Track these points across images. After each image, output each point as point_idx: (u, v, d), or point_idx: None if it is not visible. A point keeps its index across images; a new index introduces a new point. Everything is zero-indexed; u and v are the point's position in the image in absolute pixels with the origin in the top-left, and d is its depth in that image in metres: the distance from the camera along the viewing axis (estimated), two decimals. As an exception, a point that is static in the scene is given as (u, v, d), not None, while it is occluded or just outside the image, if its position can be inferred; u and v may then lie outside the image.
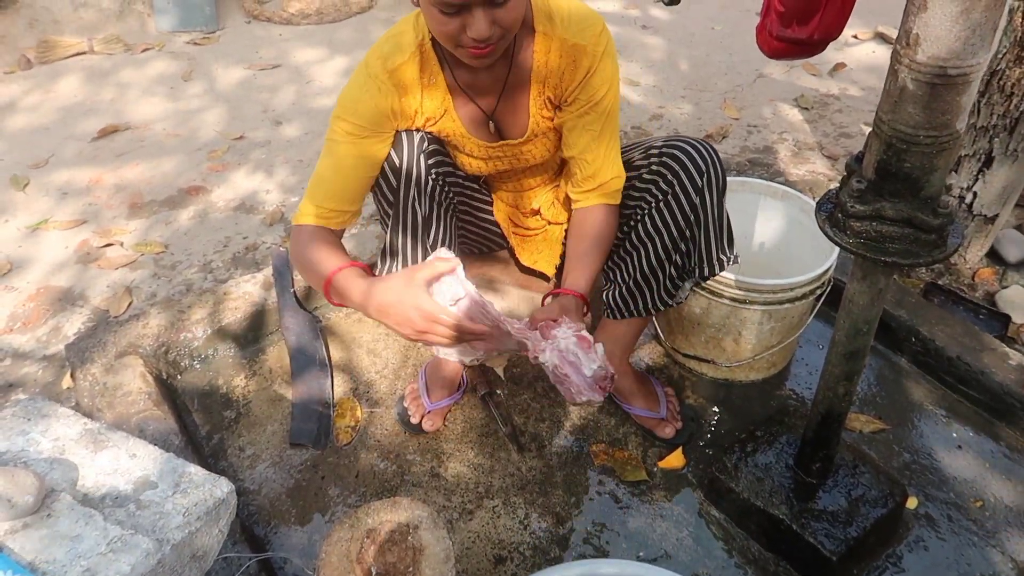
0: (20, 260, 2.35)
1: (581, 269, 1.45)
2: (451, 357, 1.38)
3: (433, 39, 1.35)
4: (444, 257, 1.31)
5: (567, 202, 1.58)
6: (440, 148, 1.50)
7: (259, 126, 3.07)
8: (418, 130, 1.45)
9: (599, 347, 1.28)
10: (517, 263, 1.82)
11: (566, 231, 1.63)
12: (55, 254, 2.37)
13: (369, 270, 1.38)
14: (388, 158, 1.43)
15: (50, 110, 3.20)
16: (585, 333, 1.27)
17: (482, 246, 1.81)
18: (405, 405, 1.77)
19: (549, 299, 1.44)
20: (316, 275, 1.37)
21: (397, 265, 1.52)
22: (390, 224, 1.48)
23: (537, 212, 1.67)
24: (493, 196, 1.69)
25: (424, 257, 1.49)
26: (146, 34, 3.85)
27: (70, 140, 2.98)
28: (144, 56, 3.66)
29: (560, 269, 1.66)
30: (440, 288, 1.30)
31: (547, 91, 1.42)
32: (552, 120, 1.46)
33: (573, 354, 1.24)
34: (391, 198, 1.45)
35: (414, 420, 1.74)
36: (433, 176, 1.46)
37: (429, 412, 1.73)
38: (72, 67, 3.54)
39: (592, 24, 1.37)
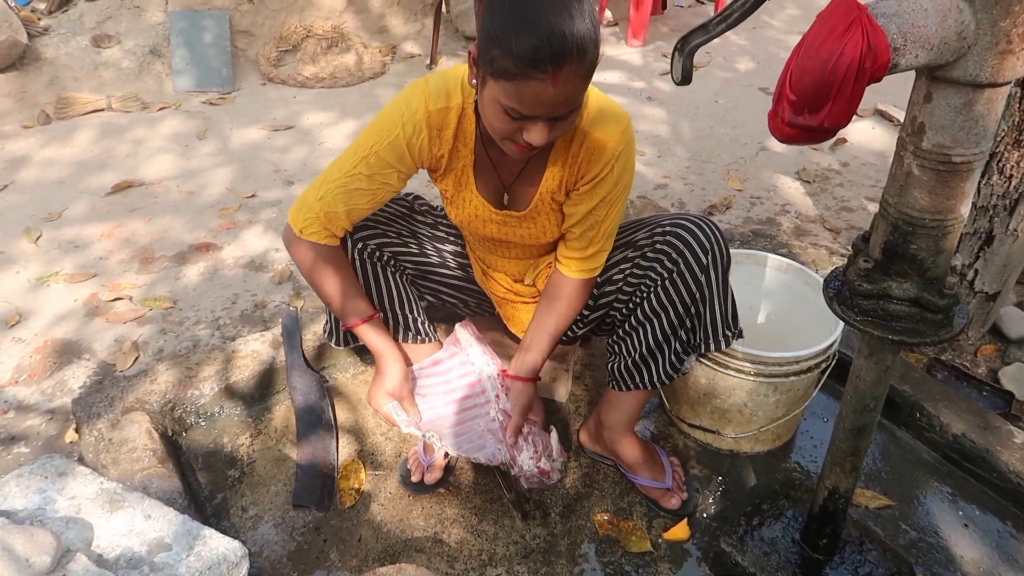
0: (28, 311, 2.36)
1: (541, 346, 1.61)
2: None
3: (476, 107, 1.39)
4: (460, 339, 1.76)
5: None
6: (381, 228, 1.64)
7: (271, 185, 3.12)
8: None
9: (554, 442, 1.63)
10: (508, 334, 1.85)
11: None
12: (63, 306, 2.39)
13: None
14: None
15: (66, 164, 3.26)
16: (544, 464, 1.59)
17: (474, 311, 1.87)
18: (408, 467, 1.77)
19: (509, 382, 1.65)
20: (342, 304, 1.58)
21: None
22: None
23: (532, 285, 1.70)
24: (477, 264, 1.74)
25: (396, 320, 1.72)
26: (163, 93, 3.94)
27: (84, 194, 3.03)
28: (160, 114, 3.74)
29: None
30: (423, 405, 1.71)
31: (563, 176, 1.45)
32: (561, 204, 1.50)
33: (537, 479, 1.60)
34: None
35: (414, 478, 1.74)
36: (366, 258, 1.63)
37: (429, 466, 1.73)
38: (89, 123, 3.62)
39: (617, 123, 1.40)
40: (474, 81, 1.28)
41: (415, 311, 1.73)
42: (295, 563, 1.58)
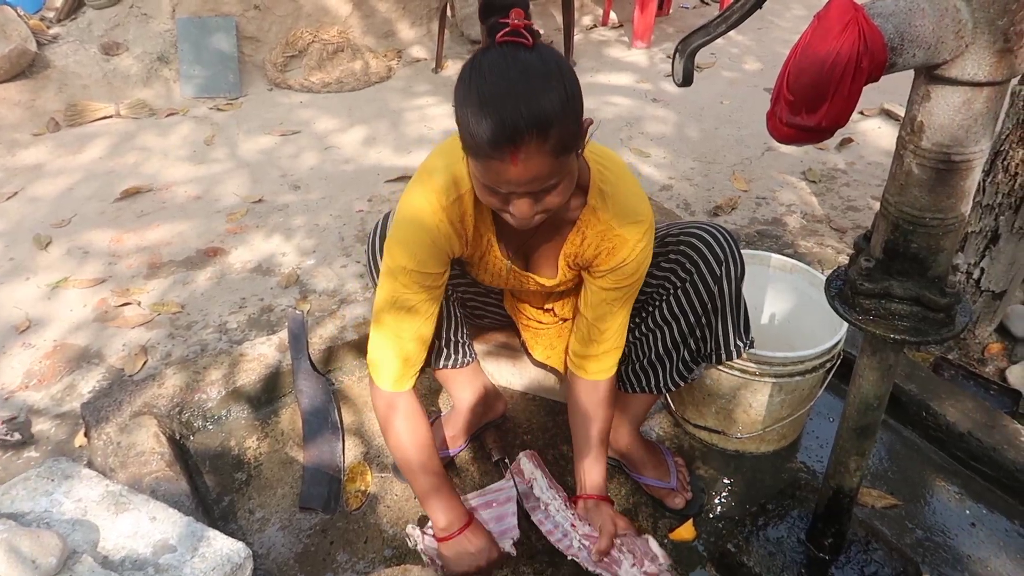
0: (39, 318, 2.38)
1: (599, 458, 1.55)
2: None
3: None
4: (524, 470, 1.67)
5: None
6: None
7: (278, 190, 3.14)
8: None
9: (655, 547, 1.49)
10: (529, 356, 1.85)
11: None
12: (73, 312, 2.41)
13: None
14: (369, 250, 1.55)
15: (75, 171, 3.28)
16: (649, 567, 1.43)
17: (501, 323, 1.86)
18: None
19: (582, 503, 1.56)
20: (434, 507, 1.49)
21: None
22: None
23: (551, 311, 1.70)
24: (508, 292, 1.73)
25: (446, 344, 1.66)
26: (171, 99, 3.97)
27: (93, 201, 3.05)
28: (169, 121, 3.77)
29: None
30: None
31: (578, 260, 1.43)
32: (576, 275, 1.49)
33: None
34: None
35: None
36: None
37: None
38: (99, 130, 3.65)
39: (641, 219, 1.36)
40: None
41: (461, 333, 1.69)
42: (302, 565, 1.59)
